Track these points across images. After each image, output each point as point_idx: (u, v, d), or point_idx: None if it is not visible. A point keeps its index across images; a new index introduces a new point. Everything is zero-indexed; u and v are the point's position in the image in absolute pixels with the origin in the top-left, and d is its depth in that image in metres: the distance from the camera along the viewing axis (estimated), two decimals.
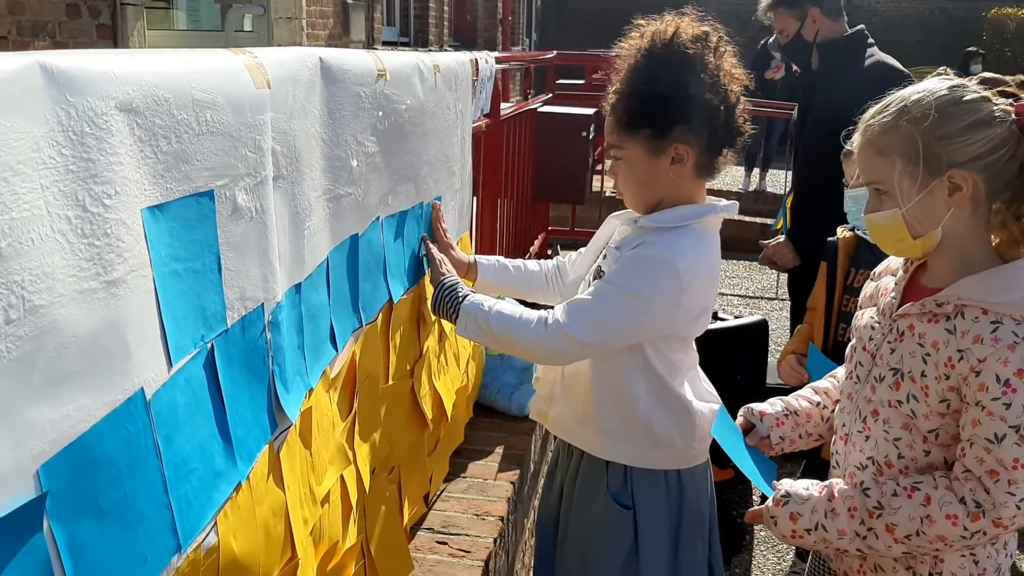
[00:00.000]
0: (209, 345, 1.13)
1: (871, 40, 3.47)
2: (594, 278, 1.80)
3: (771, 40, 11.01)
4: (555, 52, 5.36)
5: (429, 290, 2.19)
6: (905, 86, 1.55)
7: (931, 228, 1.50)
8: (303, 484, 1.43)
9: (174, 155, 1.04)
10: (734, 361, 3.85)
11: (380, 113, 1.78)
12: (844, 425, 1.70)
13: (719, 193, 9.31)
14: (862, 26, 3.53)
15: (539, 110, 4.38)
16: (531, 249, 4.59)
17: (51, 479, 0.82)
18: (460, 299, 1.82)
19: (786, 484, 1.66)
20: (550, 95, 5.03)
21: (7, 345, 0.77)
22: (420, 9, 10.84)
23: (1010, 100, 1.45)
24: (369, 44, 8.65)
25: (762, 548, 3.79)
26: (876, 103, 1.55)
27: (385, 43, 9.38)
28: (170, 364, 1.03)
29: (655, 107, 1.70)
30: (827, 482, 1.63)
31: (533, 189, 4.47)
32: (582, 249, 2.06)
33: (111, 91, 0.92)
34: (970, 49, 11.58)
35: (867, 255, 2.49)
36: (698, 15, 1.74)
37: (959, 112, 1.45)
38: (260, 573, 1.24)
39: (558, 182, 4.45)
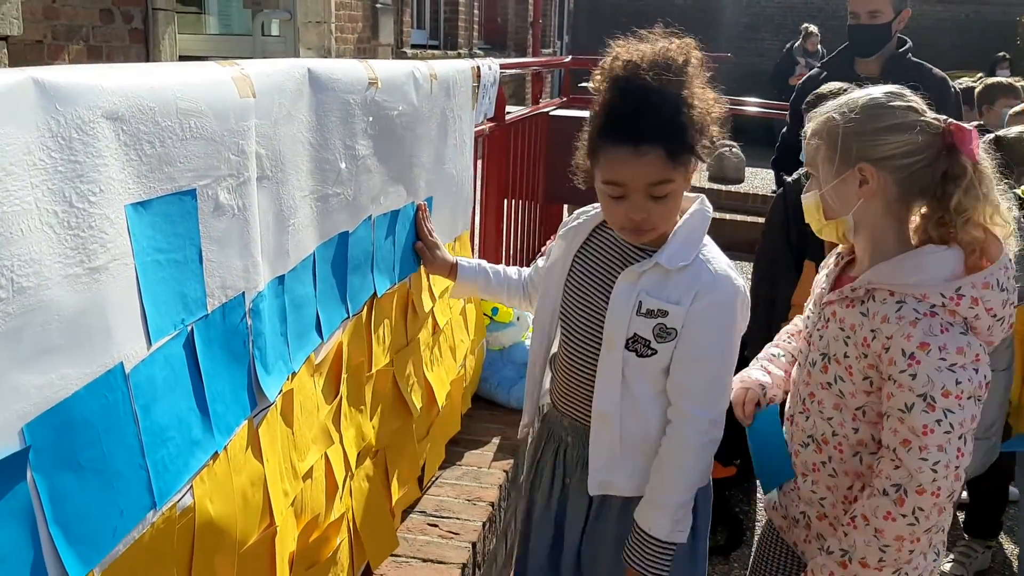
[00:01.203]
0: (189, 328, 1.26)
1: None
2: (658, 337, 1.74)
3: (796, 44, 11.01)
4: (570, 57, 5.48)
5: (422, 285, 2.31)
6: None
7: (842, 213, 1.66)
8: (284, 459, 1.55)
9: (158, 158, 1.17)
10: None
11: (371, 119, 1.90)
12: (790, 407, 1.86)
13: (751, 196, 9.27)
14: (909, 43, 3.52)
15: (551, 114, 4.48)
16: (543, 249, 4.70)
17: (34, 436, 0.94)
18: (666, 541, 1.76)
19: None
20: (564, 99, 5.13)
21: None
22: (450, 12, 10.91)
23: (944, 118, 1.60)
24: (398, 47, 8.78)
25: None
26: (832, 97, 1.73)
27: (414, 46, 9.47)
28: (150, 343, 1.16)
29: (692, 133, 1.70)
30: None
31: (545, 191, 4.58)
32: (541, 261, 2.11)
33: (99, 102, 1.05)
34: (999, 54, 11.59)
35: None
36: (666, 30, 1.79)
37: (882, 115, 1.61)
38: (236, 536, 1.37)
39: (570, 184, 4.54)
